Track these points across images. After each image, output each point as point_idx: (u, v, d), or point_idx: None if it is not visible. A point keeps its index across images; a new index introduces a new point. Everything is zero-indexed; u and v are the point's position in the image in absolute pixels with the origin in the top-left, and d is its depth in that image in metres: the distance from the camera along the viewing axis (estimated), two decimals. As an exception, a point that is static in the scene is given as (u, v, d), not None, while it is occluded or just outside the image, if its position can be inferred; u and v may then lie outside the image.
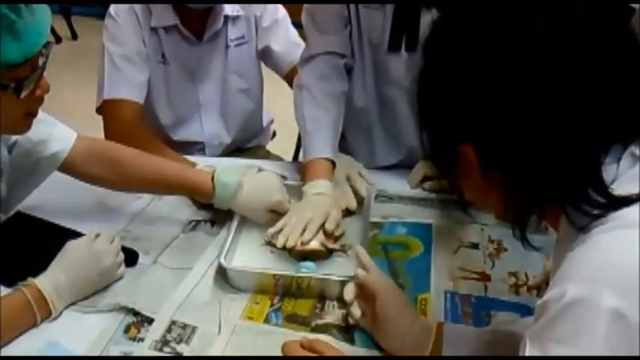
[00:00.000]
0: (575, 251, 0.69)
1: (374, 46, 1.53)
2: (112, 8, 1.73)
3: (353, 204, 1.44)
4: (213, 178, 1.34)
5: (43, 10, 1.06)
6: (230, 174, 1.35)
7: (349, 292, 1.10)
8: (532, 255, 0.89)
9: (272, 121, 2.16)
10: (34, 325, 1.11)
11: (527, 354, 0.69)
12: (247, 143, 2.05)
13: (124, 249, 1.24)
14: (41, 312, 1.10)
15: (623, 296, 0.62)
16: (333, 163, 1.47)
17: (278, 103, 2.09)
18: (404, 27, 1.46)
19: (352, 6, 1.51)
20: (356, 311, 1.09)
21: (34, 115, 1.16)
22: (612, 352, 0.63)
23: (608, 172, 0.71)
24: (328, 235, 1.32)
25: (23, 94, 1.07)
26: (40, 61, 1.08)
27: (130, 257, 1.26)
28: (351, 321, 1.11)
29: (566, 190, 0.72)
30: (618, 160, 0.71)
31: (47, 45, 1.08)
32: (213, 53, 1.83)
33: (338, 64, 1.55)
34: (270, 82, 2.02)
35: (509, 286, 1.23)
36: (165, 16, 1.74)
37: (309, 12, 1.56)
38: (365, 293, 1.09)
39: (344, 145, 1.62)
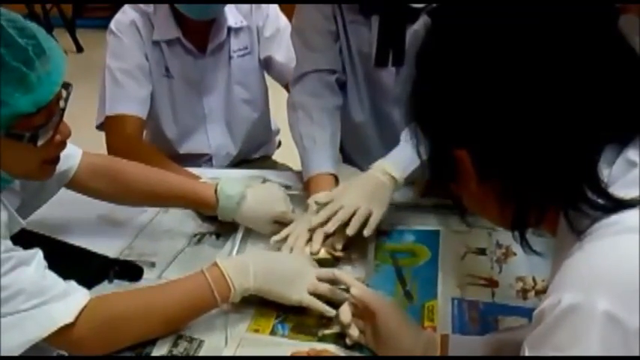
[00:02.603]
0: (570, 259, 0.68)
1: (364, 60, 1.52)
2: (113, 24, 1.73)
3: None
4: (216, 190, 1.34)
5: (58, 56, 0.99)
6: (233, 185, 1.35)
7: (346, 313, 1.07)
8: (540, 259, 0.88)
9: (278, 131, 2.16)
10: (216, 305, 1.12)
11: None
12: (254, 153, 2.05)
13: (127, 264, 1.23)
14: (221, 292, 1.10)
15: (618, 301, 0.62)
16: (336, 178, 1.45)
17: (285, 112, 2.08)
18: (389, 42, 1.45)
19: (340, 21, 1.50)
20: (354, 332, 1.07)
21: (55, 161, 1.10)
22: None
23: (602, 175, 0.70)
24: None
25: (40, 143, 1.01)
26: (60, 105, 1.03)
27: (134, 272, 1.26)
28: (349, 342, 1.08)
29: (562, 191, 0.72)
30: (611, 164, 0.70)
31: (67, 87, 1.03)
32: (217, 65, 1.83)
33: (329, 81, 1.54)
34: (276, 91, 2.02)
35: (517, 292, 1.22)
36: (167, 29, 1.74)
37: (297, 30, 1.55)
38: (359, 311, 1.07)
39: (343, 159, 1.61)
